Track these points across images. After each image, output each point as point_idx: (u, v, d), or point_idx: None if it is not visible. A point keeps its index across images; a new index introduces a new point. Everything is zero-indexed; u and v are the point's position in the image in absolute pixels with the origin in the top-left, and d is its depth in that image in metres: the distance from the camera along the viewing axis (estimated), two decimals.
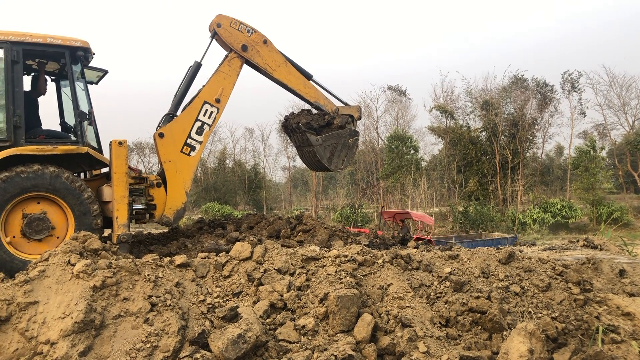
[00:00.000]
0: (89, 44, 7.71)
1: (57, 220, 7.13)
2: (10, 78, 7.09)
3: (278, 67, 9.10)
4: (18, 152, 6.93)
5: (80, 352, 4.42)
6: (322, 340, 4.82)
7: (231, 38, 8.75)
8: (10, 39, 7.14)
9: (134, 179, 8.00)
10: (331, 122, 9.29)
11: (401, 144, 36.93)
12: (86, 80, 8.07)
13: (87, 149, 7.39)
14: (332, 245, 7.61)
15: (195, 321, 5.00)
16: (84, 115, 7.68)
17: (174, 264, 5.68)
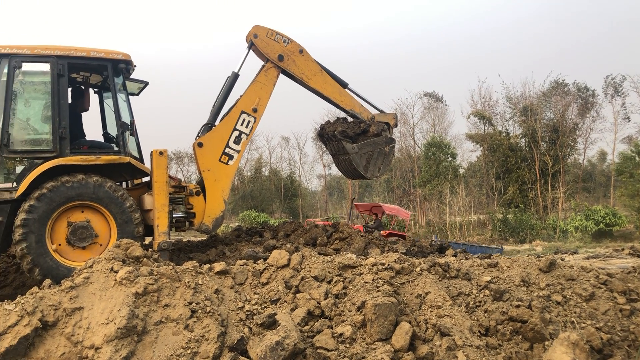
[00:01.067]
0: (130, 57, 7.93)
1: (101, 228, 7.33)
2: (56, 91, 7.35)
3: (314, 75, 9.18)
4: (63, 162, 7.16)
5: (123, 357, 4.52)
6: (360, 349, 4.82)
7: (268, 48, 8.88)
8: (56, 53, 7.40)
9: (174, 187, 8.17)
10: (367, 130, 9.31)
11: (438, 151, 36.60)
12: (127, 91, 8.29)
13: (129, 159, 7.59)
14: (369, 253, 7.59)
15: (234, 328, 5.06)
16: (126, 126, 7.89)
17: (213, 271, 5.76)
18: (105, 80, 8.33)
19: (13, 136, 7.21)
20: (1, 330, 4.47)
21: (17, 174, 7.27)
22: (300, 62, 9.08)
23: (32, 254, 6.84)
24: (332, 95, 9.32)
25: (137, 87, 9.05)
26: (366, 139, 9.29)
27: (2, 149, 7.09)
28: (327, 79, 9.29)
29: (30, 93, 7.71)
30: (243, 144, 8.77)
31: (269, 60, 8.94)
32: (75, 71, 8.26)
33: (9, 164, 7.32)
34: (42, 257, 6.88)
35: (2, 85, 7.21)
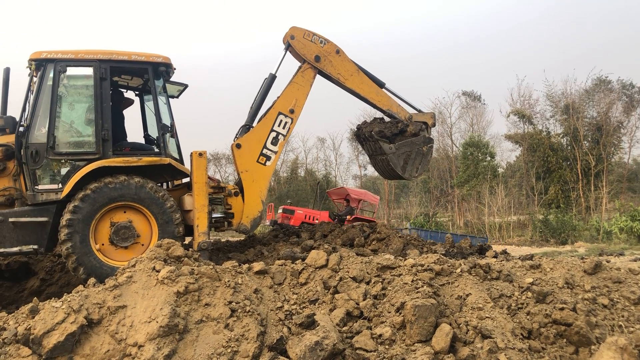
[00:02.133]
0: (170, 60, 8.07)
1: (142, 228, 7.47)
2: (98, 94, 7.54)
3: (350, 76, 9.16)
4: (106, 164, 7.34)
5: (165, 355, 4.60)
6: (400, 350, 4.78)
7: (304, 49, 8.91)
8: (99, 57, 7.59)
9: (213, 188, 8.28)
10: (404, 129, 9.23)
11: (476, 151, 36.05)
12: (168, 94, 8.44)
13: (170, 160, 7.72)
14: (407, 254, 7.54)
15: (273, 327, 5.09)
16: (166, 128, 8.03)
17: (253, 270, 5.81)
18: (146, 83, 8.49)
19: (58, 139, 7.42)
20: (49, 327, 4.61)
21: (62, 175, 7.48)
22: (337, 63, 9.08)
23: (76, 253, 7.03)
24: (369, 95, 9.29)
25: (176, 90, 9.20)
26: (404, 139, 9.22)
27: (48, 151, 7.31)
28: (364, 79, 9.27)
29: (74, 96, 7.92)
30: (280, 145, 8.83)
31: (305, 61, 8.97)
32: (117, 74, 8.46)
33: (54, 166, 7.54)
34: (86, 256, 7.07)
35: (48, 89, 7.43)
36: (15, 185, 7.49)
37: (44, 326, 4.62)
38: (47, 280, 9.45)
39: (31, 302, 5.19)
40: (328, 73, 9.08)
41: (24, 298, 9.08)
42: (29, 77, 7.83)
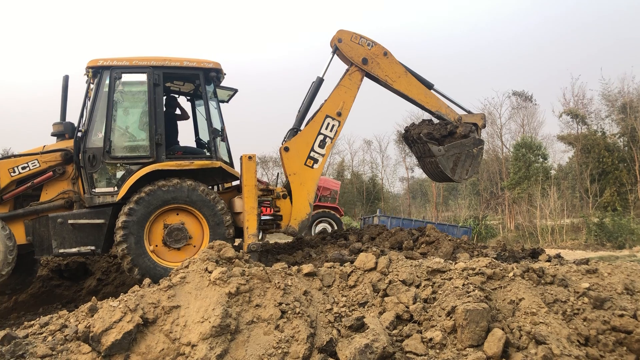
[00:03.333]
0: (220, 65, 8.23)
1: (194, 230, 7.65)
2: (152, 100, 7.76)
3: (398, 78, 9.11)
4: (159, 168, 7.55)
5: (217, 355, 4.68)
6: (451, 354, 4.71)
7: (352, 52, 8.92)
8: (152, 63, 7.82)
9: (261, 191, 8.38)
10: (454, 131, 9.11)
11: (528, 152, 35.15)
12: (218, 99, 8.61)
13: (220, 164, 7.87)
14: (458, 258, 7.43)
15: (323, 329, 5.11)
16: (217, 132, 8.19)
17: (302, 272, 5.85)
18: (198, 88, 8.68)
19: (114, 143, 7.68)
20: (107, 325, 4.77)
21: (118, 178, 7.74)
22: (384, 65, 9.05)
23: (131, 254, 7.25)
24: (417, 97, 9.21)
25: (227, 94, 9.38)
26: (453, 141, 9.09)
27: (105, 155, 7.58)
28: (412, 80, 9.20)
29: (129, 102, 8.19)
30: (328, 147, 8.86)
31: (353, 64, 8.98)
32: (170, 80, 8.68)
33: (110, 170, 7.82)
34: (140, 257, 7.28)
35: (104, 95, 7.70)
36: (73, 188, 7.80)
37: (102, 324, 4.79)
38: (103, 280, 9.79)
39: (90, 301, 5.39)
40: (375, 75, 9.06)
41: (81, 297, 9.44)
42: (87, 84, 8.13)
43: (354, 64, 8.99)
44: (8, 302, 9.37)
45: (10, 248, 7.07)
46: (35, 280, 9.53)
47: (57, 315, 5.40)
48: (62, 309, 6.68)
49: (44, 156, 7.70)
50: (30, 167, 7.61)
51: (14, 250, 7.12)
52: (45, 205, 7.66)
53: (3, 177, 7.47)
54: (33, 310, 8.84)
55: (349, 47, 8.95)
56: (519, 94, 41.71)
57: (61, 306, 8.80)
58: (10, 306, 9.31)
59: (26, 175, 7.59)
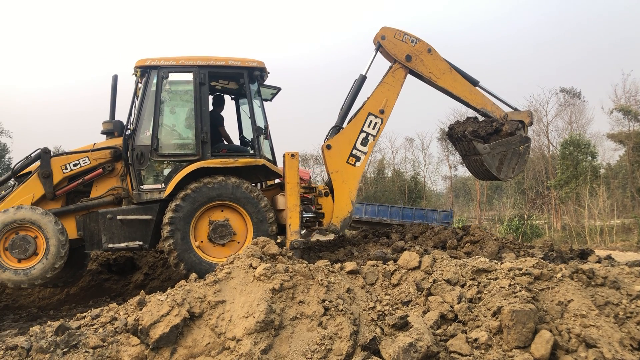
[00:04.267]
0: (264, 64, 8.31)
1: (238, 226, 7.75)
2: (198, 98, 7.89)
3: (442, 74, 9.00)
4: (205, 165, 7.68)
5: (262, 350, 4.74)
6: (496, 355, 4.63)
7: (395, 49, 8.86)
8: (198, 63, 7.95)
9: (304, 188, 8.42)
10: (500, 129, 8.94)
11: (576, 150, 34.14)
12: (262, 97, 8.69)
13: (264, 161, 7.95)
14: (503, 258, 7.29)
15: (366, 327, 5.10)
16: (261, 130, 8.27)
17: (345, 270, 5.85)
18: (242, 87, 8.78)
19: (161, 141, 7.85)
20: (155, 318, 4.89)
21: (165, 175, 7.91)
22: (428, 62, 8.95)
23: (178, 249, 7.40)
24: (461, 93, 9.08)
25: (270, 93, 9.45)
26: (499, 139, 8.92)
27: (152, 153, 7.75)
28: (457, 77, 9.06)
29: (176, 101, 8.35)
30: (370, 145, 8.83)
31: (396, 61, 8.91)
32: (215, 79, 8.81)
33: (157, 167, 8.00)
34: (186, 252, 7.43)
35: (152, 94, 7.88)
36: (122, 185, 8.01)
37: (150, 318, 4.91)
38: (150, 274, 10.03)
39: (138, 295, 5.54)
40: (419, 72, 8.97)
41: (129, 291, 9.70)
42: (135, 83, 8.34)
43: (397, 61, 8.92)
44: (60, 295, 9.72)
45: (63, 242, 7.32)
46: (85, 274, 9.85)
47: (107, 308, 5.57)
48: (111, 302, 6.87)
49: (94, 153, 7.94)
50: (81, 164, 7.86)
51: (66, 245, 7.37)
52: (95, 201, 7.89)
53: (56, 173, 7.73)
54: (83, 303, 9.14)
55: (393, 44, 8.89)
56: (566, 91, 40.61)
57: (110, 299, 9.06)
58: (63, 298, 9.65)
59: (77, 172, 7.84)
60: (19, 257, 7.20)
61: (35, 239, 7.27)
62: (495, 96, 9.30)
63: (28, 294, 9.59)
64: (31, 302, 9.49)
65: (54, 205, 7.76)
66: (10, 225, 7.16)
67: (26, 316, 8.41)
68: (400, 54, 8.88)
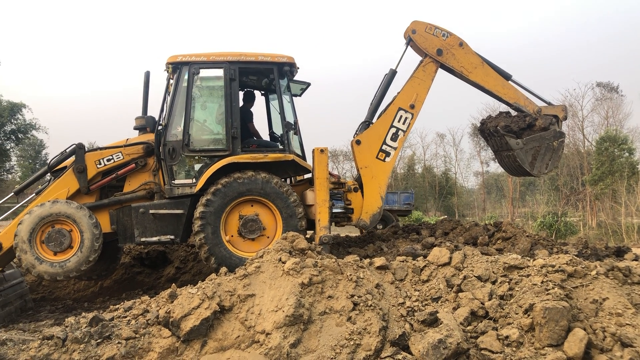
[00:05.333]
0: (294, 59, 8.31)
1: (268, 221, 7.79)
2: (228, 94, 7.95)
3: (474, 68, 8.86)
4: (235, 160, 7.74)
5: (291, 344, 4.77)
6: (528, 353, 4.56)
7: (426, 43, 8.76)
8: (228, 59, 8.01)
9: (333, 184, 8.41)
10: (533, 123, 8.76)
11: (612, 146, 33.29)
12: (291, 92, 8.70)
13: (293, 157, 7.97)
14: (536, 255, 7.15)
15: (395, 323, 5.08)
16: (290, 126, 8.29)
17: (374, 265, 5.84)
18: (271, 82, 8.81)
19: (192, 137, 7.94)
20: (186, 311, 4.96)
21: (196, 170, 8.00)
22: (460, 56, 8.82)
23: (208, 243, 7.48)
24: (494, 88, 8.92)
25: (299, 88, 9.45)
26: (532, 134, 8.74)
27: (184, 148, 7.85)
28: (489, 71, 8.91)
29: (207, 97, 8.42)
30: (400, 140, 8.75)
31: (427, 55, 8.81)
32: (245, 75, 8.85)
33: (189, 162, 8.09)
34: (217, 247, 7.50)
35: (183, 90, 7.97)
36: (154, 179, 8.12)
37: (181, 310, 4.99)
38: (181, 268, 10.18)
39: (169, 288, 5.63)
40: (451, 66, 8.85)
41: (161, 284, 9.86)
42: (166, 79, 8.44)
43: (428, 55, 8.81)
44: (94, 287, 9.94)
45: (97, 236, 7.48)
46: (118, 267, 10.05)
47: (139, 300, 5.67)
48: (143, 295, 6.99)
49: (127, 149, 8.07)
50: (114, 159, 8.00)
51: (99, 238, 7.52)
52: (128, 195, 8.03)
53: (90, 168, 7.89)
54: (117, 296, 9.33)
55: (423, 38, 8.79)
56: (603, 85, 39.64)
57: (142, 292, 9.23)
58: (97, 291, 9.87)
59: (111, 167, 7.99)
60: (55, 250, 7.38)
61: (70, 233, 7.44)
62: (529, 90, 9.11)
63: (63, 286, 9.84)
64: (66, 294, 9.74)
65: (88, 199, 7.93)
66: (46, 218, 7.34)
67: (62, 307, 8.63)
68: (431, 48, 8.77)
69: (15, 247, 7.27)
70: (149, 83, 8.58)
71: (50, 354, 4.70)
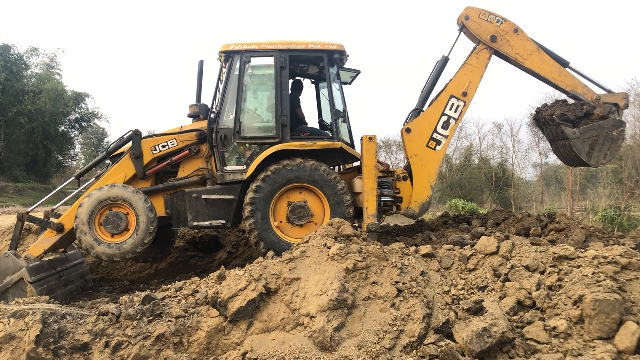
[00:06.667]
0: (343, 47, 8.32)
1: (316, 208, 7.87)
2: (278, 82, 8.05)
3: (530, 55, 8.61)
4: (284, 148, 7.84)
5: (334, 328, 4.84)
6: (576, 345, 4.46)
7: (480, 29, 8.58)
8: (279, 47, 8.09)
9: (382, 172, 8.39)
10: (591, 112, 8.44)
11: None
12: (341, 80, 8.71)
13: (341, 144, 8.00)
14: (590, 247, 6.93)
15: (439, 310, 5.06)
16: (339, 114, 8.31)
17: (419, 253, 5.82)
18: (321, 70, 8.85)
19: (243, 124, 8.09)
20: (233, 292, 5.11)
21: (247, 157, 8.16)
22: (514, 42, 8.59)
23: (258, 229, 7.64)
24: (550, 75, 8.64)
25: (349, 76, 9.45)
26: (590, 122, 8.43)
27: (235, 135, 8.02)
28: (545, 58, 8.63)
29: (257, 85, 8.55)
30: (451, 129, 8.62)
31: (480, 41, 8.63)
32: (295, 63, 8.92)
33: (240, 149, 8.27)
34: (266, 232, 7.65)
35: (235, 78, 8.12)
36: (207, 166, 8.34)
37: (229, 291, 5.14)
38: (233, 253, 10.43)
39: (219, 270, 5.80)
40: (505, 53, 8.63)
41: (213, 268, 10.13)
42: (219, 68, 8.62)
43: (481, 42, 8.63)
44: (150, 269, 10.33)
45: (152, 219, 7.76)
46: (172, 251, 10.39)
47: (189, 281, 5.88)
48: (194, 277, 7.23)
49: (181, 136, 8.31)
50: (169, 145, 8.26)
51: (154, 222, 7.81)
52: (182, 181, 8.28)
53: (146, 154, 8.18)
54: (171, 278, 9.66)
55: (477, 24, 8.61)
56: None
57: (195, 275, 9.52)
58: (152, 273, 10.26)
59: (165, 153, 8.25)
60: (112, 232, 7.72)
61: (126, 216, 7.75)
62: (588, 78, 8.78)
63: (121, 267, 10.27)
64: (124, 275, 10.16)
65: (144, 184, 8.22)
66: (104, 202, 7.68)
67: (119, 288, 9.03)
68: (485, 34, 8.58)
69: (76, 229, 7.64)
70: (202, 72, 8.78)
71: (105, 328, 4.95)
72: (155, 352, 4.85)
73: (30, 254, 7.71)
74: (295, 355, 4.70)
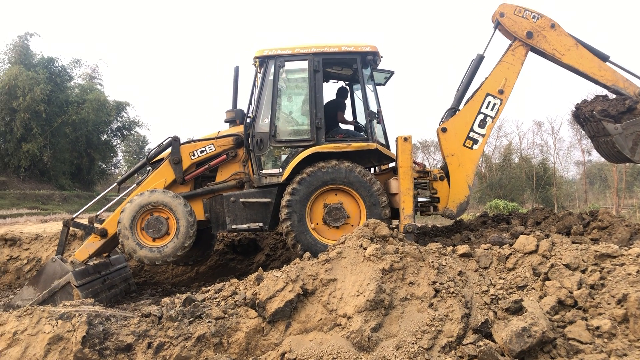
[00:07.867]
0: (377, 48, 8.32)
1: (352, 210, 7.89)
2: (312, 85, 8.11)
3: (567, 51, 8.44)
4: (319, 150, 7.90)
5: (372, 328, 4.84)
6: (621, 345, 4.35)
7: (515, 26, 8.46)
8: (312, 50, 8.16)
9: (418, 172, 8.35)
10: (633, 107, 8.21)
11: None
12: (375, 81, 8.72)
13: (376, 146, 8.00)
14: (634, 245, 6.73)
15: (478, 310, 5.01)
16: (374, 115, 8.32)
17: (457, 253, 5.78)
18: (355, 72, 8.88)
19: (279, 128, 8.19)
20: (271, 293, 5.18)
21: (282, 161, 8.26)
22: (551, 38, 8.43)
23: (295, 231, 7.71)
24: (589, 70, 8.44)
25: (383, 77, 9.45)
26: (632, 117, 8.20)
27: (271, 139, 8.12)
28: (584, 52, 8.44)
29: (292, 89, 8.65)
30: (488, 127, 8.52)
31: (516, 38, 8.50)
32: (329, 66, 8.97)
33: (276, 153, 8.36)
34: (303, 234, 7.71)
35: (270, 83, 8.22)
36: (244, 170, 8.47)
37: (267, 292, 5.21)
38: (271, 255, 10.54)
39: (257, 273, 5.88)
40: (542, 49, 8.48)
41: (252, 270, 10.25)
42: (254, 73, 8.74)
43: (517, 39, 8.50)
44: (191, 273, 10.53)
45: (192, 223, 7.93)
46: (212, 254, 10.57)
47: (229, 283, 5.98)
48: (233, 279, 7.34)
49: (219, 141, 8.47)
50: (207, 150, 8.42)
51: (194, 225, 7.97)
52: (220, 185, 8.43)
53: (185, 160, 8.37)
54: (211, 281, 9.82)
55: (512, 21, 8.49)
56: None
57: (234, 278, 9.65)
58: (193, 276, 10.46)
59: (204, 158, 8.42)
60: (153, 236, 7.91)
61: (167, 220, 7.93)
62: (630, 72, 8.54)
63: (163, 271, 10.51)
64: (165, 278, 10.40)
65: (183, 189, 8.41)
66: (145, 207, 7.88)
67: (161, 291, 9.24)
68: (521, 30, 8.46)
69: (119, 234, 7.86)
70: (238, 77, 8.92)
71: (147, 330, 5.08)
72: (197, 353, 4.95)
73: (76, 258, 7.99)
74: (334, 355, 4.73)
